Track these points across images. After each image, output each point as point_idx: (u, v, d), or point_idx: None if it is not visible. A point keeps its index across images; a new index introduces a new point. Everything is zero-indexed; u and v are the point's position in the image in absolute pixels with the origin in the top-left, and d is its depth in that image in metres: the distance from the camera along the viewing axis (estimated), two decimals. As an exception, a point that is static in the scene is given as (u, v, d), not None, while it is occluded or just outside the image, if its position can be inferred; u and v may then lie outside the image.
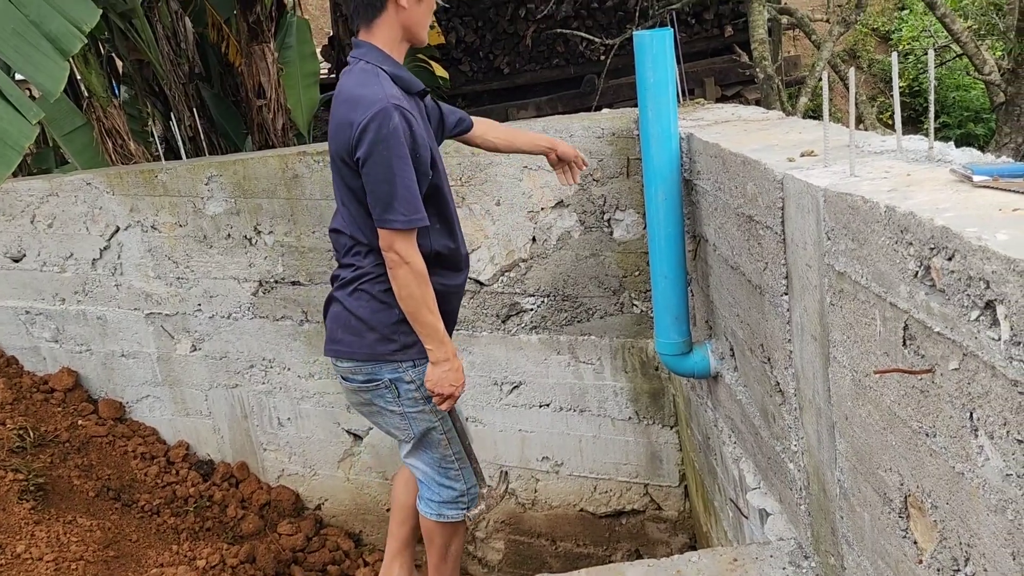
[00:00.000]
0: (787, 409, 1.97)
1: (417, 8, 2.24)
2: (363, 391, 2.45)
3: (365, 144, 2.13)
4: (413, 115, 2.19)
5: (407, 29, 2.26)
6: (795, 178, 1.67)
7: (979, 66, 4.59)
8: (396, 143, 2.13)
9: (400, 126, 2.13)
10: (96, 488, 3.69)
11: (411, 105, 2.24)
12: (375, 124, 2.11)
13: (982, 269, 1.01)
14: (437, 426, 2.50)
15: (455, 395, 2.38)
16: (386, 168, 2.13)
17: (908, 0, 11.20)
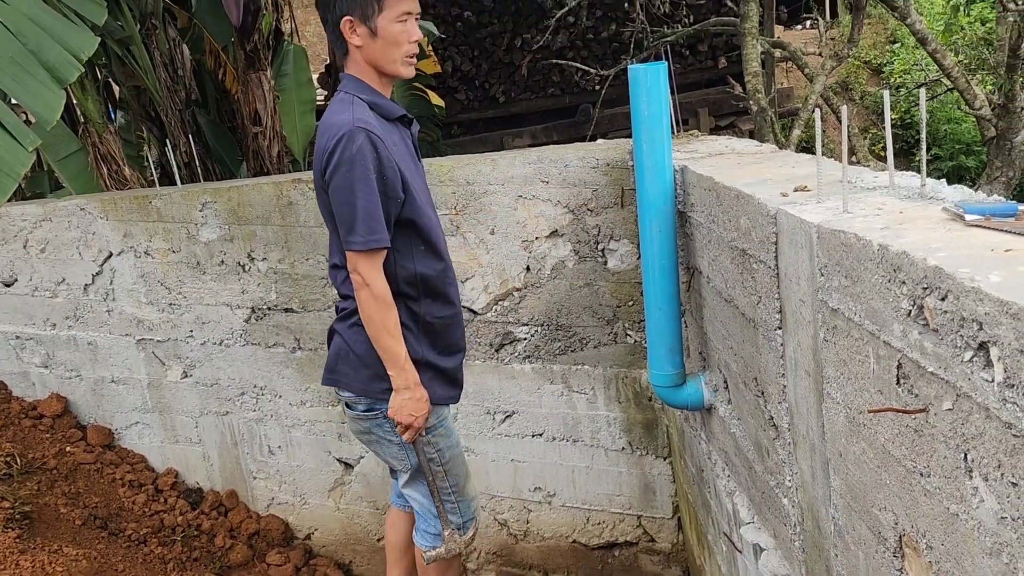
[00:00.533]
0: (781, 444, 1.96)
1: (373, 45, 2.27)
2: (363, 419, 2.48)
3: (331, 166, 2.19)
4: (384, 139, 2.23)
5: (372, 64, 2.31)
6: (789, 213, 1.67)
7: (970, 101, 4.64)
8: (359, 165, 2.16)
9: (365, 148, 2.17)
10: (83, 516, 3.64)
11: (386, 130, 2.29)
12: (340, 147, 2.17)
13: (975, 310, 1.01)
14: (434, 457, 2.50)
15: (414, 425, 2.36)
16: (348, 190, 2.17)
17: (899, 34, 11.34)
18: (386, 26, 2.25)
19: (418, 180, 2.39)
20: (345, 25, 2.25)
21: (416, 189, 2.35)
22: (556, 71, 8.87)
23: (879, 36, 12.35)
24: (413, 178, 2.34)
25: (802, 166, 2.28)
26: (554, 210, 3.35)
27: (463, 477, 2.61)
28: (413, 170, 2.37)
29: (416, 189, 2.35)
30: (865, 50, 11.68)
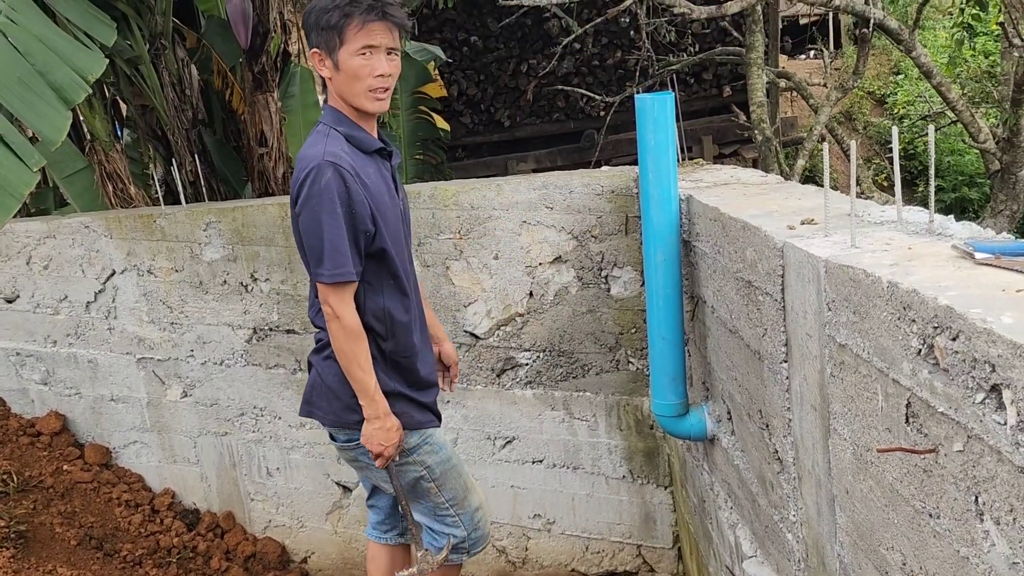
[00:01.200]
0: (785, 478, 1.94)
1: (338, 78, 2.27)
2: (347, 449, 2.53)
3: (300, 200, 2.23)
4: (355, 172, 2.24)
5: (342, 97, 2.30)
6: (796, 247, 1.67)
7: (974, 135, 4.65)
8: (327, 199, 2.19)
9: (332, 182, 2.19)
10: (78, 536, 3.61)
11: (361, 162, 2.30)
12: (308, 181, 2.21)
13: (987, 352, 1.00)
14: (424, 474, 2.54)
15: (385, 454, 2.38)
16: (316, 223, 2.21)
17: (903, 65, 11.40)
18: (347, 59, 2.22)
19: (390, 213, 2.36)
20: (313, 57, 2.29)
21: (387, 221, 2.34)
22: (561, 97, 8.92)
23: (883, 67, 12.43)
24: (386, 211, 2.33)
25: (808, 198, 2.28)
26: (558, 236, 3.35)
27: (461, 490, 2.60)
28: (388, 204, 2.35)
29: (387, 221, 2.34)
30: (869, 81, 11.74)
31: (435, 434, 2.57)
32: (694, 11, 4.04)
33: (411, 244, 2.56)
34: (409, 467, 2.51)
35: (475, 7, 8.73)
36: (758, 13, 4.61)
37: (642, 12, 5.77)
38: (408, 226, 2.54)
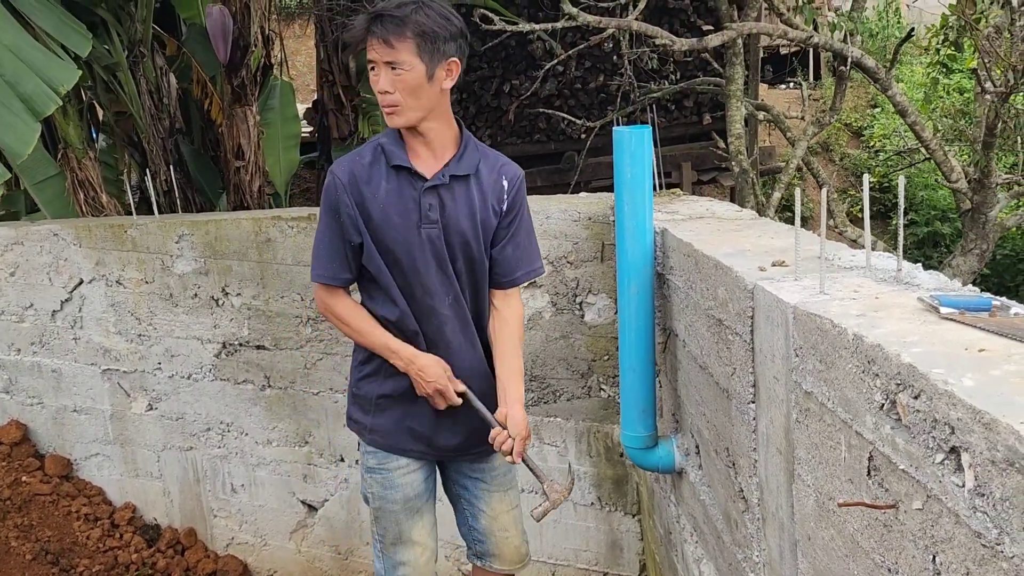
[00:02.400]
0: (750, 518, 1.94)
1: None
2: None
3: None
4: (353, 182, 2.26)
5: None
6: (766, 290, 1.67)
7: (947, 174, 4.72)
8: (324, 202, 2.32)
9: (328, 187, 2.30)
10: (34, 551, 3.54)
11: (375, 174, 2.27)
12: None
13: (948, 414, 1.00)
14: (368, 496, 2.54)
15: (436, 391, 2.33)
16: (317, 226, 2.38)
17: (880, 99, 11.58)
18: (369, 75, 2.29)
19: (396, 232, 2.28)
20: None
21: (385, 238, 2.28)
22: (543, 118, 8.94)
23: (860, 100, 12.61)
24: (386, 228, 2.27)
25: (780, 237, 2.29)
26: (533, 262, 3.35)
27: (390, 536, 2.49)
28: (394, 221, 2.27)
29: (385, 238, 2.28)
30: (847, 113, 11.91)
31: (394, 471, 2.46)
32: (675, 43, 4.08)
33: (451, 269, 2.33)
34: (365, 483, 2.55)
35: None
36: (738, 46, 4.66)
37: (625, 40, 5.82)
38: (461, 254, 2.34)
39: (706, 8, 8.40)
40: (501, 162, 2.40)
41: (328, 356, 3.69)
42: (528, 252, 2.43)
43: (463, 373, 2.39)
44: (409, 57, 2.16)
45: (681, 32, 7.87)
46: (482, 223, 2.33)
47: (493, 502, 2.57)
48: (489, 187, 2.34)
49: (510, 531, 2.61)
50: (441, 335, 2.36)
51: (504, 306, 2.44)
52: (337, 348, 3.67)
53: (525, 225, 2.43)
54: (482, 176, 2.33)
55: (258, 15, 4.79)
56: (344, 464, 3.82)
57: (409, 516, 2.49)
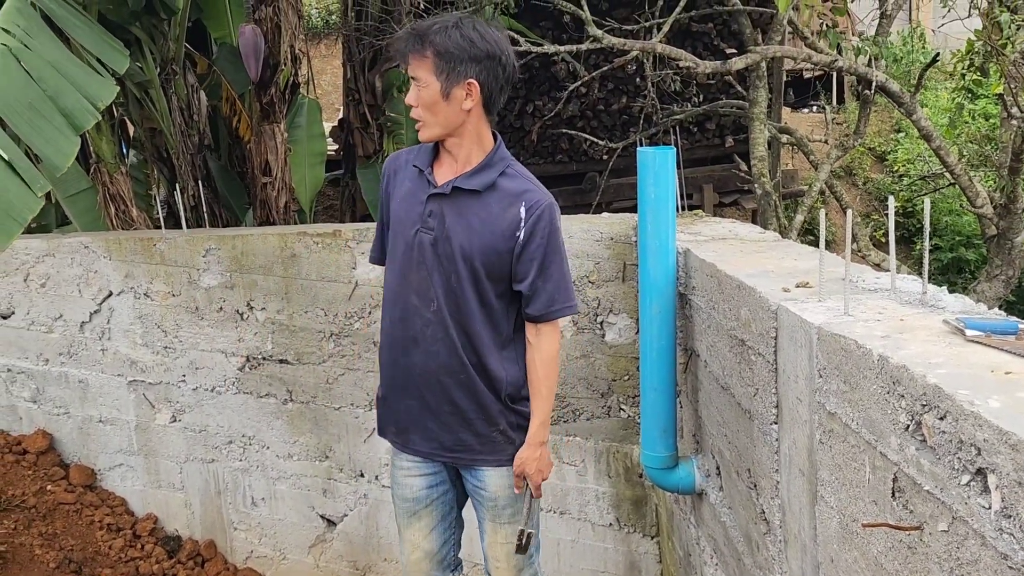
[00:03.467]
0: (772, 540, 1.93)
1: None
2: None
3: None
4: (394, 172, 2.46)
5: None
6: (790, 311, 1.68)
7: (972, 199, 4.70)
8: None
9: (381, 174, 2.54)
10: (57, 559, 3.57)
11: (407, 169, 2.43)
12: None
13: (974, 435, 1.01)
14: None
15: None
16: None
17: (904, 124, 11.53)
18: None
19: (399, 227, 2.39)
20: None
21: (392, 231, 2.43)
22: (565, 139, 8.98)
23: (884, 124, 12.56)
24: (395, 222, 2.43)
25: (804, 259, 2.30)
26: (556, 281, 3.36)
27: (396, 525, 2.69)
28: (401, 218, 2.39)
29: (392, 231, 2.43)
30: (870, 137, 11.86)
31: (394, 465, 2.61)
32: (699, 65, 4.11)
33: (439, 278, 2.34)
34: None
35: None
36: (762, 69, 4.68)
37: (648, 63, 5.86)
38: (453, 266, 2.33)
39: (729, 32, 8.43)
40: (526, 188, 2.32)
41: (350, 371, 3.72)
42: (560, 288, 2.34)
43: (434, 373, 2.39)
44: (426, 75, 2.22)
45: (704, 55, 7.90)
46: (488, 244, 2.29)
47: (489, 530, 2.61)
48: (505, 211, 2.30)
49: (501, 563, 2.60)
50: (423, 335, 2.39)
51: (535, 341, 2.40)
52: (359, 363, 3.69)
53: (556, 260, 2.34)
54: (494, 197, 2.31)
55: (288, 34, 4.87)
56: (364, 479, 3.83)
57: (405, 515, 2.61)
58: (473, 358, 2.38)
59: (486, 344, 2.37)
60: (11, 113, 2.72)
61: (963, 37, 5.68)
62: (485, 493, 2.53)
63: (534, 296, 2.33)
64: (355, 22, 6.79)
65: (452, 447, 2.48)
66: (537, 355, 2.40)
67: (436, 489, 2.59)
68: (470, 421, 2.42)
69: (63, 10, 3.50)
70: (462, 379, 2.39)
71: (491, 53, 2.25)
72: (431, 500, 2.59)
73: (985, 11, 4.89)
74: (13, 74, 2.80)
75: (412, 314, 2.38)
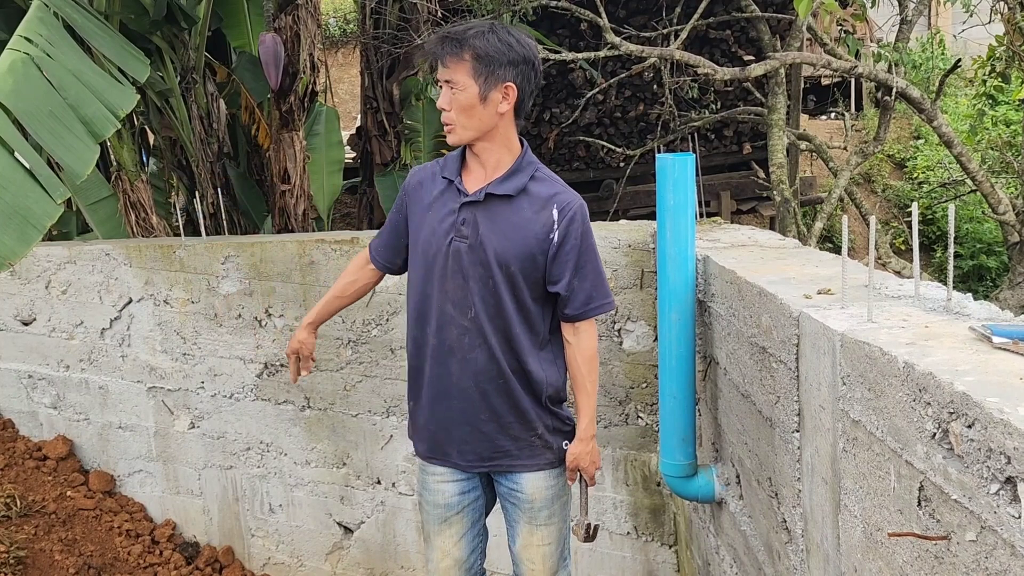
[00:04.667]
0: (793, 549, 1.91)
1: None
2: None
3: None
4: (417, 185, 2.45)
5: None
6: (812, 318, 1.66)
7: (994, 206, 4.66)
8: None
9: (403, 186, 2.51)
10: (77, 565, 3.59)
11: (435, 182, 2.41)
12: None
13: (1003, 443, 0.99)
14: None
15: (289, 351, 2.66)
16: None
17: (924, 130, 11.45)
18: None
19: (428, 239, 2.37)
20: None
21: (418, 242, 2.42)
22: (582, 146, 8.98)
23: (903, 131, 12.48)
24: (419, 233, 2.41)
25: (825, 266, 2.28)
26: (574, 288, 3.35)
27: (424, 531, 2.64)
28: (430, 228, 2.37)
29: (418, 242, 2.42)
30: (889, 144, 11.78)
31: (426, 475, 2.56)
32: (718, 72, 4.09)
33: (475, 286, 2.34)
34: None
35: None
36: (781, 76, 4.66)
37: (666, 69, 5.85)
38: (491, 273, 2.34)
39: (747, 38, 8.40)
40: (556, 191, 2.35)
41: (367, 378, 3.73)
42: (596, 285, 2.38)
43: (471, 381, 2.39)
44: (463, 78, 2.22)
45: (722, 62, 7.88)
46: (521, 248, 2.31)
47: (525, 532, 2.58)
48: (537, 214, 2.32)
49: (536, 564, 2.59)
50: (460, 344, 2.38)
51: (575, 341, 2.42)
52: (376, 371, 3.70)
53: (590, 259, 2.37)
54: (526, 201, 2.33)
55: (307, 43, 4.91)
56: (381, 487, 3.83)
57: (436, 522, 2.57)
58: (512, 363, 2.39)
59: (525, 347, 2.38)
60: (32, 121, 2.75)
61: (984, 43, 5.63)
62: (522, 496, 2.52)
63: (571, 296, 2.35)
64: (373, 31, 6.83)
65: (491, 456, 2.47)
66: (578, 353, 2.42)
67: (468, 495, 2.57)
68: (508, 426, 2.42)
69: (85, 20, 3.54)
70: (500, 384, 2.39)
71: (527, 57, 2.28)
72: (463, 507, 2.56)
73: (1007, 16, 4.85)
74: (35, 82, 2.83)
75: (448, 323, 2.37)
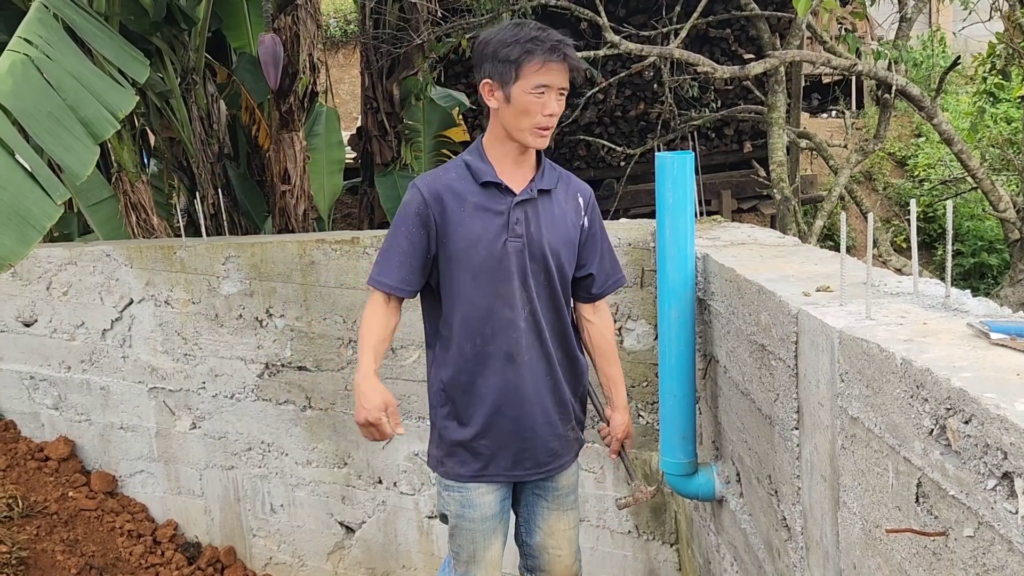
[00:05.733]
0: (793, 547, 1.91)
1: (507, 110, 2.29)
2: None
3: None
4: (439, 197, 2.32)
5: (504, 128, 2.34)
6: (811, 315, 1.67)
7: (994, 203, 4.65)
8: (402, 212, 2.36)
9: (413, 200, 2.34)
10: (79, 565, 3.60)
11: (464, 189, 2.33)
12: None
13: (1000, 439, 0.99)
14: (445, 514, 2.53)
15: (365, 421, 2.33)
16: (390, 231, 2.40)
17: (925, 128, 11.44)
18: (520, 95, 2.25)
19: (477, 246, 2.31)
20: (484, 88, 2.31)
21: (464, 251, 2.31)
22: (583, 146, 8.98)
23: (904, 129, 12.47)
24: (467, 241, 2.31)
25: (824, 263, 2.28)
26: (574, 287, 3.36)
27: (464, 555, 2.52)
28: (477, 234, 2.31)
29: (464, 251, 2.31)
30: (890, 142, 11.77)
31: (469, 488, 2.46)
32: (718, 70, 4.09)
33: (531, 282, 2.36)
34: (440, 496, 2.54)
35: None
36: (780, 74, 4.66)
37: (666, 68, 5.85)
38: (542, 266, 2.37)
39: (747, 37, 8.40)
40: (574, 180, 2.50)
41: (369, 378, 3.72)
42: (613, 264, 2.53)
43: (532, 387, 2.40)
44: (567, 86, 2.32)
45: (722, 60, 7.88)
46: (565, 237, 2.40)
47: (551, 520, 2.59)
48: (568, 203, 2.43)
49: (563, 550, 2.63)
50: (518, 348, 2.37)
51: (598, 319, 2.55)
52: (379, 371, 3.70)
53: (606, 238, 2.52)
54: (560, 192, 2.42)
55: (306, 43, 4.91)
56: (382, 486, 3.84)
57: (486, 536, 2.50)
58: (561, 356, 2.46)
59: (570, 335, 2.48)
60: (32, 122, 2.76)
61: (984, 40, 5.63)
62: (551, 485, 2.55)
63: (597, 276, 2.48)
64: (373, 31, 6.83)
65: (546, 461, 2.49)
66: (604, 328, 2.57)
67: (508, 500, 2.56)
68: (554, 424, 2.47)
69: (84, 21, 3.55)
70: (549, 382, 2.44)
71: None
72: (505, 511, 2.55)
73: (1007, 14, 4.85)
74: (34, 84, 2.84)
75: (504, 328, 2.36)
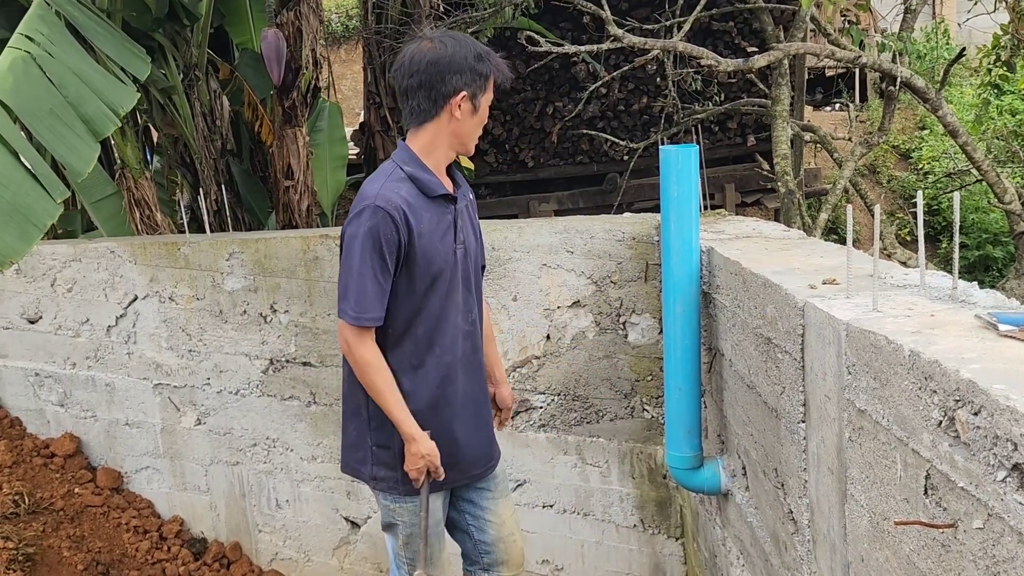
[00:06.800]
0: (800, 540, 1.91)
1: (471, 121, 2.36)
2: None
3: (345, 235, 2.29)
4: (404, 218, 2.22)
5: (456, 137, 2.35)
6: (817, 307, 1.66)
7: (999, 195, 4.64)
8: (366, 241, 2.20)
9: (379, 226, 2.19)
10: (85, 561, 3.61)
11: (419, 205, 2.28)
12: (356, 220, 2.24)
13: (1010, 430, 0.98)
14: (397, 525, 2.52)
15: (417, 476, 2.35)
16: (349, 262, 2.24)
17: (929, 121, 11.40)
18: (483, 107, 2.37)
19: (439, 257, 2.32)
20: (460, 98, 2.29)
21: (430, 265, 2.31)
22: (586, 140, 8.97)
23: (908, 122, 12.43)
24: (433, 255, 2.31)
25: (830, 256, 2.27)
26: (577, 280, 3.36)
27: (434, 550, 2.53)
28: (438, 248, 2.32)
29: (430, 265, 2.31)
30: (894, 135, 11.73)
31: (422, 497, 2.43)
32: (721, 64, 4.08)
33: (474, 286, 2.49)
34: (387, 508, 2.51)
35: (504, 50, 8.85)
36: (784, 67, 4.65)
37: (669, 62, 5.83)
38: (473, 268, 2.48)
39: (751, 30, 8.38)
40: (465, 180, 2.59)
41: (373, 373, 3.73)
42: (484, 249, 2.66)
43: (481, 392, 2.54)
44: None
45: (725, 53, 7.86)
46: (477, 237, 2.54)
47: (500, 508, 2.64)
48: (470, 203, 2.54)
49: (516, 534, 2.71)
50: (464, 351, 2.43)
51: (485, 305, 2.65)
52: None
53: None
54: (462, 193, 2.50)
55: (309, 39, 4.90)
56: (387, 481, 3.84)
57: (439, 539, 2.57)
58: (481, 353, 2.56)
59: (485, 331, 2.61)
60: (33, 119, 2.76)
61: (989, 32, 5.60)
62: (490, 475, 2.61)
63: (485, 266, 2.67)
64: (375, 26, 6.82)
65: (495, 452, 2.61)
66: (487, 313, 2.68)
67: (447, 504, 2.62)
68: (490, 415, 2.62)
69: (86, 18, 3.54)
70: (484, 378, 2.57)
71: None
72: (446, 512, 2.63)
73: (1012, 5, 4.83)
74: (36, 81, 2.84)
75: (456, 334, 2.42)
